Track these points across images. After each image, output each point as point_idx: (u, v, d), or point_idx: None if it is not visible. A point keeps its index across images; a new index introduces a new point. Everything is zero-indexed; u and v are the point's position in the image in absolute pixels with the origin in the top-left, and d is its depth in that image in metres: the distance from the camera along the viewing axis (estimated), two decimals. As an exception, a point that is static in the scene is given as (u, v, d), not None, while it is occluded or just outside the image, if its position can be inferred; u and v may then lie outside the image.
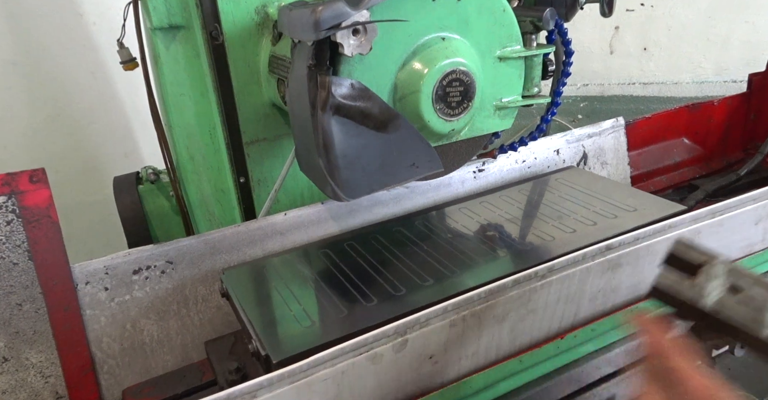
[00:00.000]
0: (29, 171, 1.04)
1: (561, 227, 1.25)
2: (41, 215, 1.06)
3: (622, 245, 1.02)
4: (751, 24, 4.40)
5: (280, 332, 0.99)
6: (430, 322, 0.86)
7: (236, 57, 1.29)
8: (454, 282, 1.08)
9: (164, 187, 1.68)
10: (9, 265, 1.06)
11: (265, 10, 1.29)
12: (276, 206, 1.43)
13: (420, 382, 0.92)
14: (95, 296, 1.15)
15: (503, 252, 1.19)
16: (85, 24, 2.60)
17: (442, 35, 1.09)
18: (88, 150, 2.72)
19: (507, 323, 0.95)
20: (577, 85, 4.90)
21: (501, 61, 1.19)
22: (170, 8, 1.26)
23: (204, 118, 1.38)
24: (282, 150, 1.43)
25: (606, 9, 1.34)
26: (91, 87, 2.66)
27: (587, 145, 1.74)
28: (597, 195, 1.39)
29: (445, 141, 1.21)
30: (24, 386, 1.12)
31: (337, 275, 1.15)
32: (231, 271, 1.20)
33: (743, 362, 1.20)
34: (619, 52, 4.81)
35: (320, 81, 0.96)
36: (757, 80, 2.09)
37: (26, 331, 1.10)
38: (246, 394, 0.73)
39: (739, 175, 1.94)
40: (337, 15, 0.91)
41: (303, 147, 1.08)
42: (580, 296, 1.02)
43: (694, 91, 4.68)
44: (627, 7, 4.63)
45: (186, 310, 1.25)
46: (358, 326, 0.97)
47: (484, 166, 1.55)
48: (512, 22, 1.17)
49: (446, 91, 1.10)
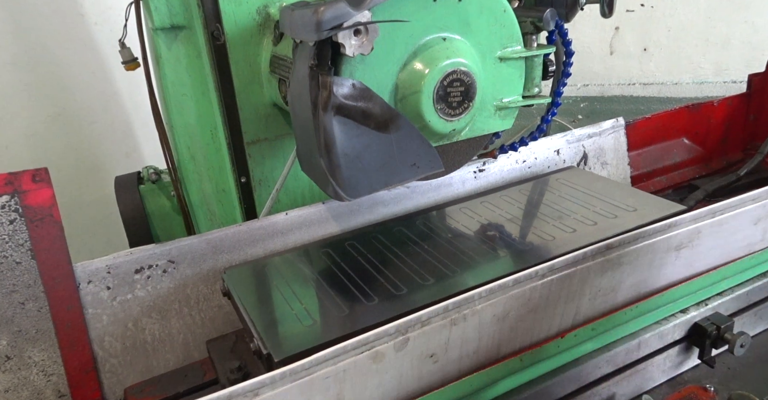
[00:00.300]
0: (32, 170, 1.05)
1: (561, 227, 1.26)
2: (44, 214, 1.07)
3: (622, 244, 1.03)
4: (750, 24, 4.40)
5: (281, 331, 0.99)
6: (431, 321, 0.87)
7: (237, 57, 1.29)
8: (454, 281, 1.09)
9: (165, 186, 1.68)
10: (12, 264, 1.07)
11: (266, 11, 1.29)
12: (277, 205, 1.43)
13: (421, 380, 0.92)
14: (97, 295, 1.16)
15: (504, 252, 1.19)
16: (86, 24, 2.61)
17: (443, 36, 1.10)
18: (89, 150, 2.72)
19: (507, 322, 0.96)
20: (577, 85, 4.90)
21: (502, 62, 1.20)
22: (172, 8, 1.27)
23: (205, 118, 1.38)
24: (283, 150, 1.43)
25: (606, 10, 1.35)
26: (92, 87, 2.67)
27: (587, 146, 1.75)
28: (597, 195, 1.39)
29: (446, 141, 1.22)
30: (26, 384, 1.13)
31: (338, 274, 1.15)
32: (233, 270, 1.20)
33: (743, 362, 1.21)
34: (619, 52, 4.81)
35: (322, 81, 0.96)
36: (757, 81, 2.09)
37: (29, 329, 1.11)
38: (249, 392, 0.74)
39: (738, 176, 1.94)
40: (339, 15, 0.91)
41: (304, 147, 1.09)
42: (580, 295, 1.03)
43: (694, 91, 4.68)
44: (627, 8, 4.63)
45: (188, 309, 1.25)
46: (360, 325, 0.97)
47: (485, 166, 1.55)
48: (513, 22, 1.18)
49: (447, 91, 1.10)
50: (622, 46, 4.79)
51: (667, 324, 1.14)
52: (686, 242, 1.11)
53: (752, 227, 1.22)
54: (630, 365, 1.12)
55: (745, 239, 1.23)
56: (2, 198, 1.03)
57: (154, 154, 2.36)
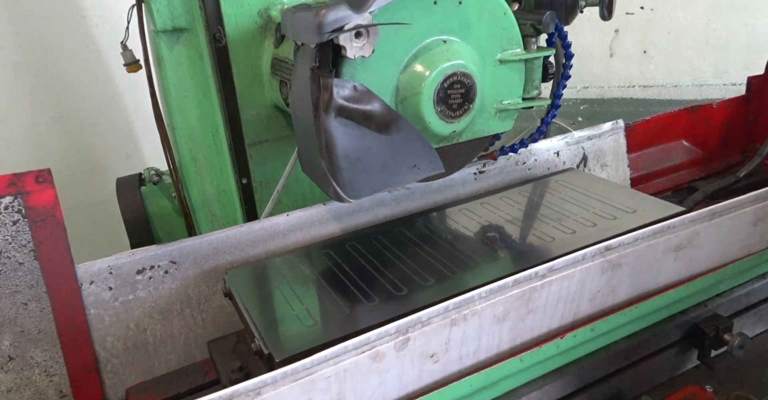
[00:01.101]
0: (35, 171, 1.05)
1: (561, 228, 1.26)
2: (47, 215, 1.07)
3: (622, 245, 1.03)
4: (750, 27, 4.41)
5: (282, 332, 1.00)
6: (432, 321, 0.87)
7: (239, 59, 1.30)
8: (455, 282, 1.09)
9: (167, 188, 1.69)
10: (15, 264, 1.07)
11: (267, 13, 1.30)
12: (278, 206, 1.44)
13: (421, 380, 0.93)
14: (99, 296, 1.16)
15: (504, 253, 1.19)
16: (88, 26, 2.62)
17: (444, 38, 1.10)
18: (91, 151, 2.73)
19: (507, 323, 0.96)
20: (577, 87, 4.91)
21: (502, 64, 1.20)
22: (174, 11, 1.28)
23: (207, 119, 1.39)
24: (284, 151, 1.44)
25: (605, 12, 1.35)
26: (93, 89, 2.68)
27: (587, 148, 1.75)
28: (597, 197, 1.40)
29: (446, 143, 1.22)
30: (29, 384, 1.13)
31: (339, 275, 1.15)
32: (234, 271, 1.21)
33: (742, 362, 1.21)
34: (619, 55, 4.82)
35: (323, 83, 0.97)
36: (756, 83, 2.10)
37: (31, 330, 1.11)
38: (251, 391, 0.74)
39: (738, 177, 1.94)
40: (340, 18, 0.92)
41: (305, 148, 1.09)
42: (579, 296, 1.03)
43: (694, 93, 4.69)
44: (627, 11, 4.65)
45: (189, 310, 1.25)
46: (360, 325, 0.98)
47: (485, 168, 1.56)
48: (513, 25, 1.18)
49: (447, 93, 1.11)
50: (622, 49, 4.80)
51: (667, 325, 1.14)
52: (685, 243, 1.12)
53: (751, 228, 1.22)
54: (629, 365, 1.12)
55: (744, 241, 1.23)
56: (5, 199, 1.04)
57: (156, 155, 2.37)
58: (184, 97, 1.37)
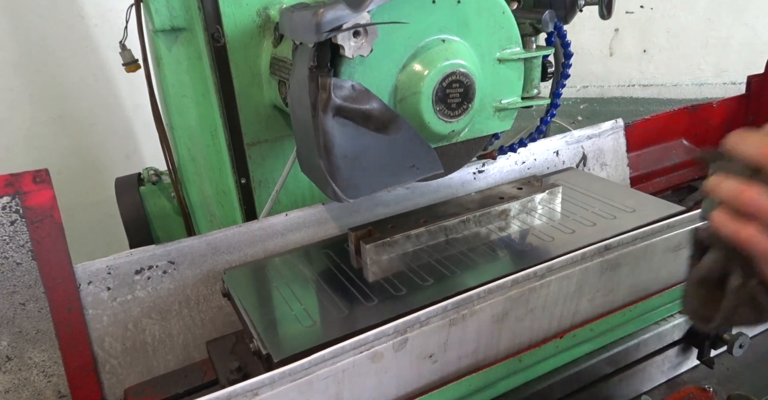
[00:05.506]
0: (33, 171, 1.05)
1: (560, 228, 1.26)
2: (44, 215, 1.07)
3: (621, 245, 1.03)
4: (750, 26, 4.41)
5: (281, 332, 0.99)
6: (430, 321, 0.87)
7: (238, 59, 1.30)
8: (453, 282, 1.09)
9: (165, 188, 1.68)
10: (12, 265, 1.07)
11: (266, 12, 1.30)
12: (277, 206, 1.44)
13: (420, 380, 0.92)
14: (98, 296, 1.16)
15: (502, 252, 1.19)
16: (86, 26, 2.62)
17: (442, 37, 1.10)
18: (90, 151, 2.73)
19: (506, 323, 0.96)
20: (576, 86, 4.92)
21: (501, 63, 1.20)
22: (172, 10, 1.27)
23: (205, 119, 1.39)
24: (283, 151, 1.43)
25: (605, 11, 1.35)
26: (92, 88, 2.68)
27: (587, 147, 1.75)
28: (596, 196, 1.39)
29: (445, 142, 1.22)
30: (27, 385, 1.13)
31: (337, 275, 1.15)
32: (232, 271, 1.21)
33: (742, 362, 1.21)
34: (618, 54, 4.83)
35: (321, 83, 0.97)
36: (756, 82, 2.09)
37: (29, 330, 1.11)
38: (249, 391, 0.74)
39: (737, 177, 1.94)
40: (338, 17, 0.92)
41: (304, 148, 1.09)
42: (578, 295, 1.03)
43: (694, 93, 4.70)
44: (626, 10, 4.65)
45: (188, 310, 1.25)
46: (359, 325, 0.97)
47: (484, 168, 1.56)
48: (512, 24, 1.18)
49: (446, 92, 1.10)
50: (622, 48, 4.80)
51: (666, 325, 1.14)
52: (685, 242, 1.12)
53: (751, 228, 1.22)
54: (629, 365, 1.12)
55: (744, 240, 1.23)
56: (3, 199, 1.04)
57: (155, 155, 2.37)
58: (182, 97, 1.37)
